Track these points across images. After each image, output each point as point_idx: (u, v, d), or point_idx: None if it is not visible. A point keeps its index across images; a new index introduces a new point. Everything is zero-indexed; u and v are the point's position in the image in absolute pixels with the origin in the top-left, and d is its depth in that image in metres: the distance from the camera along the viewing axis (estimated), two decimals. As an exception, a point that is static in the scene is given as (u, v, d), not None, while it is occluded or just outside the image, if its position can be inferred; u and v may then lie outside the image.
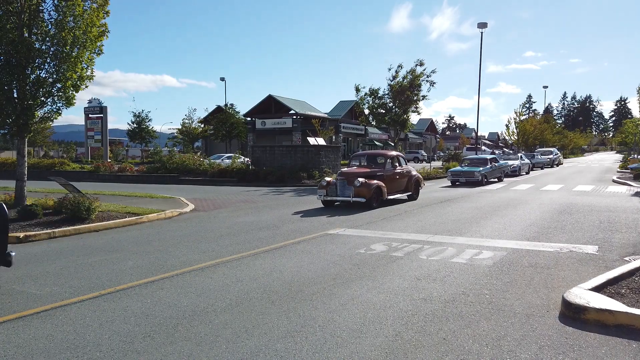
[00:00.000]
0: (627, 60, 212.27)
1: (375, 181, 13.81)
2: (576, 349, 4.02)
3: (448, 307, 5.08)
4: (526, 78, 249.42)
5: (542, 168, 37.76)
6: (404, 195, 15.37)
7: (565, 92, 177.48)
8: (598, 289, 5.18)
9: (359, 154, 16.63)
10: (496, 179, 24.34)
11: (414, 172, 16.15)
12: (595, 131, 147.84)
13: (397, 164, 15.49)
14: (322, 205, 14.39)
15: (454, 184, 22.73)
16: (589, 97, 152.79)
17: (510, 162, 28.60)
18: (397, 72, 27.84)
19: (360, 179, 13.52)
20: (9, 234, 9.21)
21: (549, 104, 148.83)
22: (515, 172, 28.60)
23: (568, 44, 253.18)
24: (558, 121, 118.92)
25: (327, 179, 14.53)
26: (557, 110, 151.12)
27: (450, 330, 4.46)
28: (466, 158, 26.65)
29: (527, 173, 30.91)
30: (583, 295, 4.90)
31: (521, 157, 31.77)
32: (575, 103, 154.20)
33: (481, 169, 22.74)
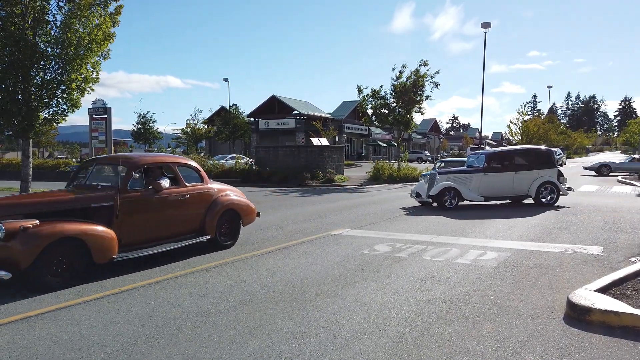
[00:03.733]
0: (632, 59, 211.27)
1: (66, 226, 6.16)
2: (581, 351, 4.00)
3: (452, 308, 5.07)
4: (530, 78, 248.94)
5: None
6: (205, 239, 7.97)
7: (569, 92, 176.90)
8: (603, 290, 5.15)
9: (87, 162, 8.27)
10: None
11: (224, 197, 8.37)
12: (600, 131, 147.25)
13: (162, 180, 7.58)
14: (327, 207, 13.28)
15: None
16: (593, 97, 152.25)
17: None
18: (400, 72, 27.81)
19: (9, 224, 5.77)
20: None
21: (553, 104, 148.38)
22: None
23: (572, 43, 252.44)
24: (562, 121, 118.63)
25: None
26: (562, 110, 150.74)
27: (455, 331, 4.45)
28: (442, 160, 22.83)
29: None
30: (588, 296, 4.87)
31: None
32: (580, 103, 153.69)
33: None
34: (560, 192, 13.58)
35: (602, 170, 28.16)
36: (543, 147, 14.63)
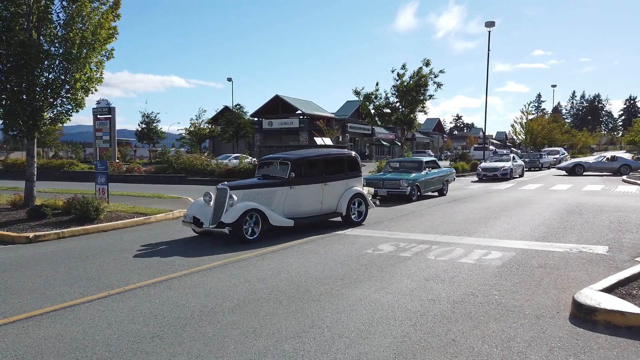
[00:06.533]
0: (637, 58, 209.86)
1: None
2: (587, 351, 3.98)
3: (457, 308, 5.05)
4: (535, 77, 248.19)
5: (548, 168, 37.47)
6: None
7: (574, 91, 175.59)
8: (609, 290, 5.12)
9: None
10: (437, 192, 17.33)
11: None
12: (604, 130, 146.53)
13: None
14: None
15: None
16: (598, 96, 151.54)
17: (499, 164, 25.74)
18: (399, 74, 27.77)
19: None
20: (19, 234, 9.30)
21: (558, 103, 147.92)
22: (506, 176, 25.02)
23: (577, 42, 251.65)
24: (567, 120, 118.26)
25: None
26: (566, 110, 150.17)
27: (459, 331, 4.43)
28: (393, 160, 18.91)
29: (521, 176, 27.53)
30: (594, 296, 4.85)
31: (514, 158, 28.49)
32: (584, 102, 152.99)
33: (412, 175, 15.77)
34: (369, 207, 11.29)
35: (576, 169, 28.71)
36: (352, 151, 11.55)
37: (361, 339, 4.26)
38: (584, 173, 28.42)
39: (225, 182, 9.57)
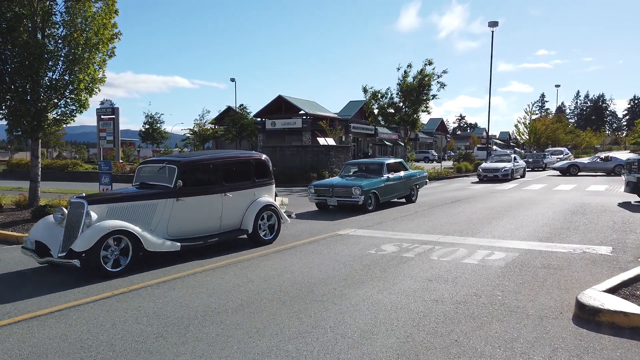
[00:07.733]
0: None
1: None
2: (590, 352, 3.97)
3: (460, 309, 5.05)
4: (538, 77, 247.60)
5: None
6: None
7: (578, 91, 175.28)
8: (612, 290, 5.11)
9: None
10: (404, 199, 15.08)
11: None
12: (609, 130, 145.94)
13: None
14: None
15: (321, 207, 13.75)
16: (602, 96, 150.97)
17: (500, 165, 25.35)
18: (405, 72, 27.74)
19: None
20: (24, 234, 9.34)
21: (562, 103, 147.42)
22: (506, 177, 24.78)
23: (581, 42, 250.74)
24: (571, 120, 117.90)
25: None
26: (570, 109, 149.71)
27: (462, 331, 4.43)
28: (351, 162, 16.17)
29: (522, 176, 27.18)
30: (597, 297, 4.84)
31: (515, 158, 27.82)
32: (588, 102, 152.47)
33: (368, 182, 13.21)
34: (282, 220, 9.33)
35: (570, 169, 29.11)
36: (262, 154, 9.62)
37: (364, 340, 4.27)
38: (579, 173, 28.57)
39: (83, 194, 7.30)
